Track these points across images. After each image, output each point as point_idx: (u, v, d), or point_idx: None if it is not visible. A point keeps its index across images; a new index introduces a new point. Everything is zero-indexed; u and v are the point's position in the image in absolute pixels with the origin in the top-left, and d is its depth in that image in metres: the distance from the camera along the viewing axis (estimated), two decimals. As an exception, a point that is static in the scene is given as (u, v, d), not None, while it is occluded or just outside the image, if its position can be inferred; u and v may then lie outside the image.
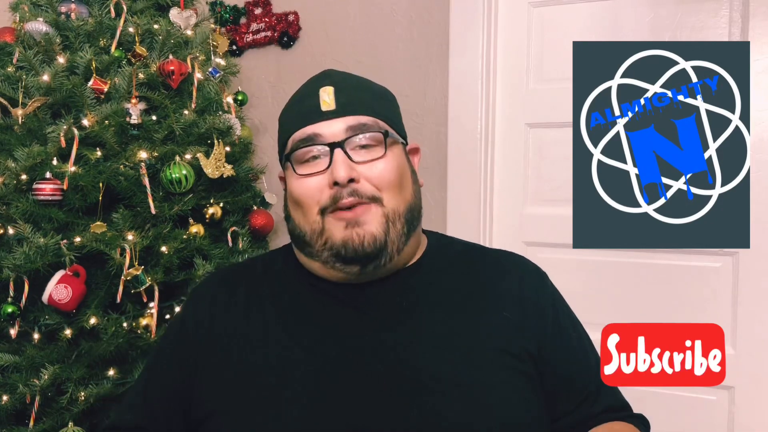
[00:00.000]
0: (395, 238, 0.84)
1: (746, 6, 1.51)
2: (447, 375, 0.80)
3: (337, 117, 0.84)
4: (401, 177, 0.86)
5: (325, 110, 0.85)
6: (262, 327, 0.87)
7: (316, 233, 0.84)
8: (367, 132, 0.84)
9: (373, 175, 0.83)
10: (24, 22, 1.46)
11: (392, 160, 0.86)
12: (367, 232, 0.82)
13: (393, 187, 0.85)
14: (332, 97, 0.85)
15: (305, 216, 0.85)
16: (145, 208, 1.40)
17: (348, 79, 0.90)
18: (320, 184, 0.83)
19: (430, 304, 0.87)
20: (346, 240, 0.82)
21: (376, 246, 0.82)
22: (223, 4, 1.97)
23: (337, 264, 0.84)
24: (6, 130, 1.42)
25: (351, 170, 0.82)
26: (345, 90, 0.87)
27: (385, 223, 0.83)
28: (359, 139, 0.84)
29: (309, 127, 0.85)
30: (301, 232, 0.87)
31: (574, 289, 1.57)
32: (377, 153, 0.85)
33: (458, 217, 1.73)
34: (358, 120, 0.85)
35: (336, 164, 0.82)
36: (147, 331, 1.37)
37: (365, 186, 0.83)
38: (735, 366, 1.52)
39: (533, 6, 1.72)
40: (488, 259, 0.95)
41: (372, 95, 0.90)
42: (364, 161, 0.84)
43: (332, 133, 0.84)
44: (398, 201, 0.85)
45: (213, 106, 1.57)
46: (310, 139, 0.84)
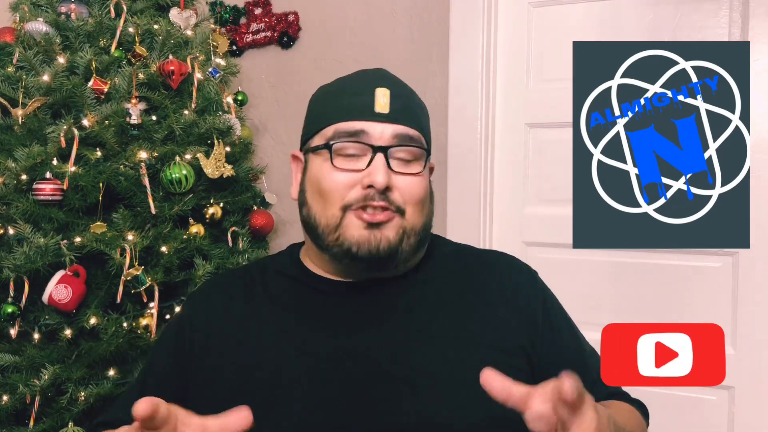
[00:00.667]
0: (406, 250, 0.85)
1: (746, 6, 1.51)
2: (441, 373, 0.81)
3: (389, 122, 0.84)
4: (426, 197, 0.88)
5: (379, 111, 0.84)
6: (258, 329, 0.87)
7: (330, 227, 0.84)
8: (413, 146, 0.85)
9: (405, 188, 0.84)
10: (24, 22, 1.46)
11: (424, 180, 0.87)
12: (385, 236, 0.83)
13: (418, 204, 0.86)
14: (388, 100, 0.85)
15: (325, 208, 0.85)
16: (145, 208, 1.40)
17: (402, 86, 0.90)
18: (352, 181, 0.83)
19: (424, 304, 0.87)
20: (363, 241, 0.82)
21: (390, 251, 0.83)
22: (223, 4, 1.97)
23: (345, 260, 0.84)
24: (6, 130, 1.42)
25: (389, 178, 0.82)
26: (400, 97, 0.87)
27: (402, 234, 0.84)
28: (403, 152, 0.85)
29: (359, 122, 0.84)
30: (315, 223, 0.86)
31: (574, 289, 1.58)
32: (415, 169, 0.85)
33: (458, 217, 1.73)
34: (406, 131, 0.85)
35: (377, 168, 0.82)
36: (147, 331, 1.37)
37: (396, 196, 0.83)
38: (735, 366, 1.52)
39: (533, 6, 1.72)
40: (480, 259, 0.96)
41: (420, 109, 0.91)
42: (402, 173, 0.84)
43: (380, 136, 0.84)
44: (418, 219, 0.86)
45: (213, 106, 1.57)
46: (357, 135, 0.84)
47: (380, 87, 0.86)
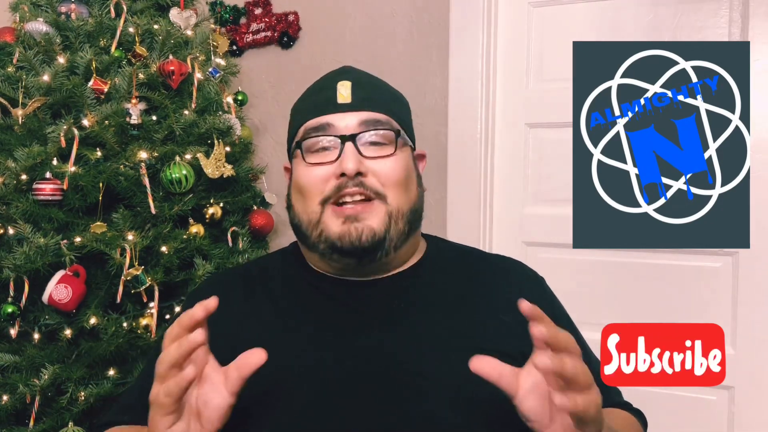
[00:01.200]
0: (395, 235, 0.85)
1: (746, 6, 1.51)
2: (442, 376, 0.81)
3: (353, 111, 0.86)
4: (407, 178, 0.87)
5: (341, 102, 0.86)
6: (258, 327, 0.87)
7: (312, 223, 0.85)
8: (380, 129, 0.86)
9: (380, 171, 0.84)
10: (24, 22, 1.46)
11: (400, 160, 0.86)
12: (366, 226, 0.83)
13: (398, 186, 0.85)
14: (349, 91, 0.86)
15: (305, 205, 0.86)
16: (145, 208, 1.40)
17: (366, 77, 0.91)
18: (327, 174, 0.84)
19: (427, 306, 0.87)
20: (343, 234, 0.83)
21: (374, 240, 0.83)
22: (223, 4, 1.97)
23: (334, 255, 0.85)
24: (6, 130, 1.42)
25: (360, 163, 0.83)
26: (363, 86, 0.88)
27: (388, 220, 0.84)
28: (371, 135, 0.85)
29: (323, 117, 0.86)
30: (299, 222, 0.87)
31: (574, 289, 1.58)
32: (387, 151, 0.85)
33: (458, 217, 1.73)
34: (372, 116, 0.86)
35: (345, 156, 0.82)
36: (147, 331, 1.37)
37: (372, 181, 0.84)
38: (735, 366, 1.52)
39: (533, 6, 1.72)
40: (486, 263, 0.96)
41: (388, 95, 0.91)
42: (374, 157, 0.84)
43: (345, 126, 0.85)
44: (402, 200, 0.86)
45: (213, 106, 1.58)
46: (323, 128, 0.85)
47: (341, 80, 0.88)
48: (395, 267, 0.89)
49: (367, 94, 0.87)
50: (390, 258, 0.87)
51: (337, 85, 0.87)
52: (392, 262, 0.88)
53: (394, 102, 0.91)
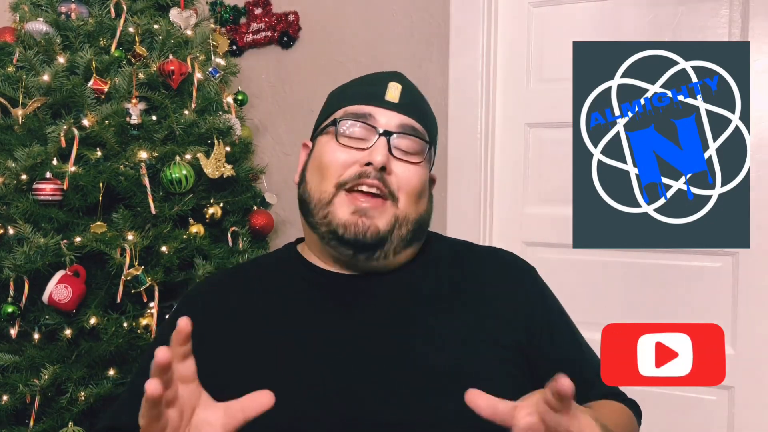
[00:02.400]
0: (397, 239, 0.86)
1: (746, 6, 1.51)
2: (439, 367, 0.81)
3: (397, 111, 0.87)
4: (422, 191, 0.89)
5: (388, 100, 0.88)
6: (255, 325, 0.87)
7: (322, 203, 0.86)
8: (416, 137, 0.88)
9: (402, 175, 0.86)
10: (24, 22, 1.46)
11: (422, 173, 0.89)
12: (373, 224, 0.84)
13: (412, 194, 0.87)
14: (399, 92, 0.89)
15: (321, 183, 0.87)
16: (145, 208, 1.40)
17: (416, 89, 0.94)
18: (352, 159, 0.85)
19: (422, 299, 0.88)
20: (349, 224, 0.83)
21: (376, 239, 0.84)
22: (223, 4, 1.97)
23: (332, 242, 0.85)
24: (6, 130, 1.42)
25: (388, 159, 0.84)
26: (411, 94, 0.91)
27: (393, 222, 0.85)
28: (406, 140, 0.87)
29: (369, 107, 0.87)
30: (309, 198, 0.88)
31: (574, 289, 1.58)
32: (415, 159, 0.87)
33: (458, 217, 1.73)
34: (412, 123, 0.88)
35: (377, 148, 0.84)
36: (147, 331, 1.37)
37: (392, 179, 0.85)
38: (735, 366, 1.52)
39: (533, 6, 1.72)
40: (478, 255, 0.97)
41: (430, 112, 0.94)
42: (401, 159, 0.86)
43: (386, 122, 0.87)
44: (412, 209, 0.87)
45: (213, 106, 1.58)
46: (364, 117, 0.87)
47: (394, 81, 0.90)
48: (391, 265, 0.90)
49: (414, 101, 0.90)
50: (388, 261, 0.87)
51: (389, 84, 0.89)
52: (389, 265, 0.89)
53: (432, 121, 0.94)
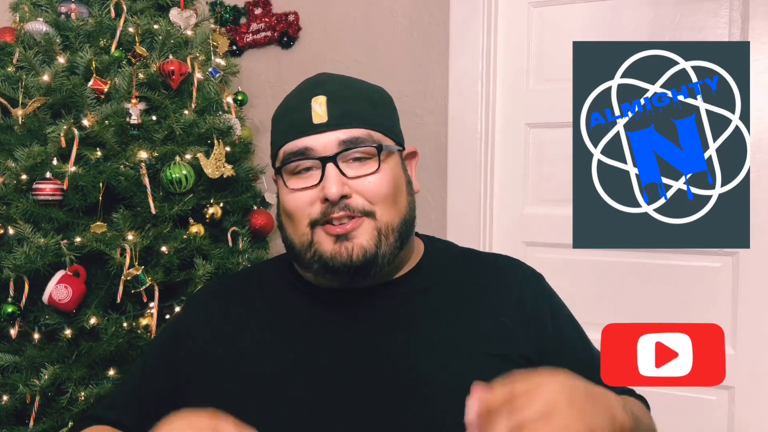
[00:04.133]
0: (386, 251, 0.83)
1: (746, 6, 1.51)
2: (443, 381, 0.80)
3: (330, 130, 0.83)
4: (395, 190, 0.85)
5: (317, 123, 0.83)
6: (257, 338, 0.87)
7: (305, 245, 0.84)
8: (361, 146, 0.83)
9: (365, 189, 0.82)
10: (24, 22, 1.46)
11: (386, 174, 0.84)
12: (356, 245, 0.82)
13: (386, 201, 0.84)
14: (324, 108, 0.83)
15: (295, 228, 0.85)
16: (145, 208, 1.40)
17: (341, 87, 0.87)
18: (311, 197, 0.83)
19: (427, 311, 0.86)
20: (335, 254, 0.82)
21: (365, 258, 0.82)
22: (223, 4, 1.97)
23: (327, 275, 0.84)
24: (6, 130, 1.42)
25: (342, 186, 0.81)
26: (338, 100, 0.84)
27: (377, 236, 0.83)
28: (353, 153, 0.83)
29: (301, 140, 0.83)
30: (291, 244, 0.87)
31: (574, 289, 1.58)
32: (371, 167, 0.83)
33: (458, 217, 1.73)
34: (350, 134, 0.83)
35: (327, 180, 0.81)
36: (147, 331, 1.37)
37: (357, 200, 0.82)
38: (735, 366, 1.52)
39: (533, 6, 1.72)
40: (485, 263, 0.95)
41: (366, 103, 0.87)
42: (357, 176, 0.82)
43: (324, 147, 0.82)
44: (392, 214, 0.84)
45: (213, 106, 1.57)
46: (302, 153, 0.83)
47: (315, 96, 0.84)
48: (391, 274, 0.89)
49: (344, 109, 0.84)
50: (384, 272, 0.86)
51: (312, 102, 0.84)
52: (386, 274, 0.87)
53: (373, 109, 0.87)
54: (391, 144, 0.87)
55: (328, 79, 0.88)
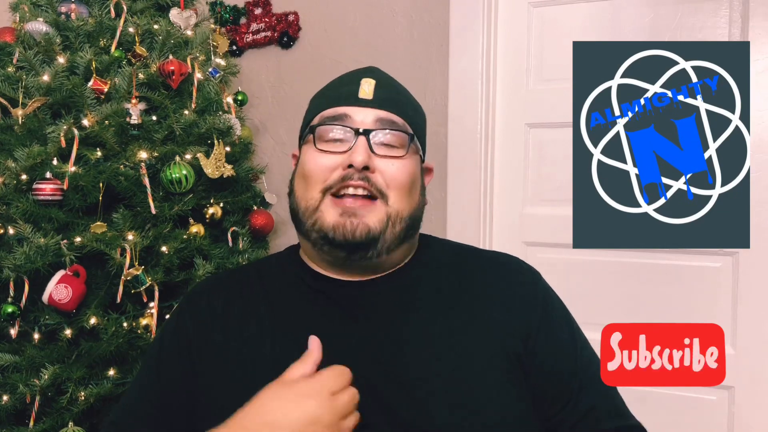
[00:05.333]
0: (390, 237, 0.84)
1: (746, 6, 1.51)
2: (437, 376, 0.81)
3: (372, 107, 0.86)
4: (412, 183, 0.87)
5: (362, 98, 0.86)
6: (257, 331, 0.87)
7: (309, 210, 0.85)
8: (396, 130, 0.86)
9: (387, 171, 0.84)
10: (24, 22, 1.46)
11: (409, 165, 0.86)
12: (362, 222, 0.82)
13: (402, 189, 0.85)
14: (372, 88, 0.87)
15: (306, 190, 0.86)
16: (145, 208, 1.40)
17: (391, 80, 0.92)
18: (334, 163, 0.84)
19: (422, 306, 0.87)
20: (337, 226, 0.82)
21: (367, 237, 0.82)
22: (223, 4, 1.97)
23: (325, 246, 0.85)
24: (6, 130, 1.42)
25: (369, 158, 0.83)
26: (385, 87, 0.88)
27: (386, 220, 0.84)
28: (385, 135, 0.85)
29: (342, 107, 0.86)
30: (296, 207, 0.87)
31: (574, 289, 1.58)
32: (398, 153, 0.85)
33: (458, 217, 1.73)
34: (389, 116, 0.86)
35: (357, 148, 0.83)
36: (147, 331, 1.37)
37: (377, 178, 0.84)
38: (735, 366, 1.52)
39: (533, 6, 1.72)
40: (480, 260, 0.95)
41: (409, 102, 0.92)
42: (384, 155, 0.84)
43: (362, 120, 0.85)
44: (404, 204, 0.86)
45: (213, 106, 1.57)
46: (340, 118, 0.85)
47: (366, 77, 0.88)
48: (389, 267, 0.89)
49: (389, 94, 0.88)
50: (382, 259, 0.86)
51: (361, 80, 0.88)
52: (385, 264, 0.88)
53: (412, 109, 0.91)
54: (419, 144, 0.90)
55: (378, 70, 0.92)
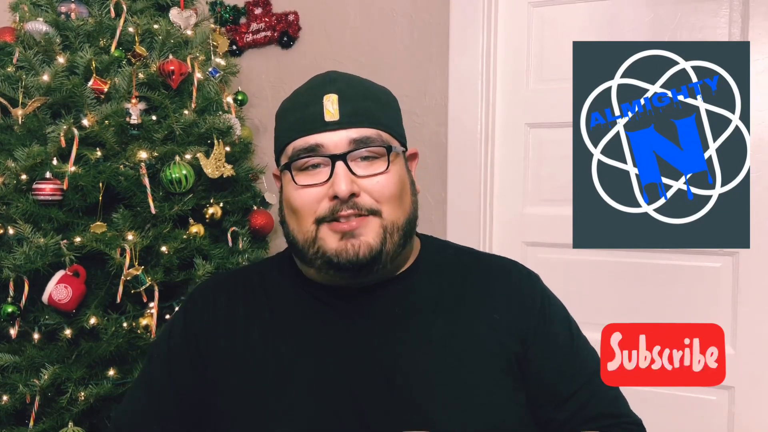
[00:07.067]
0: (391, 248, 0.84)
1: (746, 6, 1.51)
2: (438, 379, 0.81)
3: (341, 128, 0.83)
4: (402, 190, 0.86)
5: (329, 120, 0.83)
6: (259, 336, 0.87)
7: (308, 242, 0.84)
8: (371, 146, 0.84)
9: (374, 188, 0.83)
10: (24, 22, 1.46)
11: (394, 174, 0.85)
12: (363, 242, 0.82)
13: (393, 201, 0.84)
14: (336, 106, 0.84)
15: (299, 224, 0.85)
16: (145, 208, 1.40)
17: (352, 86, 0.88)
18: (319, 195, 0.83)
19: (423, 310, 0.87)
20: (340, 251, 0.82)
21: (371, 255, 0.82)
22: (223, 4, 1.97)
23: (330, 271, 0.84)
24: (6, 130, 1.42)
25: (352, 184, 0.81)
26: (349, 99, 0.85)
27: (383, 234, 0.83)
28: (363, 152, 0.83)
29: (311, 136, 0.84)
30: (294, 239, 0.87)
31: (574, 289, 1.58)
32: (379, 167, 0.84)
33: (458, 217, 1.73)
34: (361, 133, 0.84)
35: (337, 178, 0.81)
36: (147, 331, 1.37)
37: (365, 199, 0.82)
38: (735, 366, 1.52)
39: (533, 6, 1.72)
40: (480, 263, 0.95)
41: (376, 103, 0.88)
42: (366, 175, 0.83)
43: (335, 145, 0.83)
44: (398, 214, 0.85)
45: (213, 106, 1.57)
46: (312, 150, 0.83)
47: (327, 93, 0.85)
48: (391, 273, 0.89)
49: (355, 108, 0.85)
50: (386, 269, 0.86)
51: (324, 100, 0.84)
52: (387, 271, 0.88)
53: (382, 109, 0.88)
54: (398, 145, 0.88)
55: (338, 78, 0.88)
